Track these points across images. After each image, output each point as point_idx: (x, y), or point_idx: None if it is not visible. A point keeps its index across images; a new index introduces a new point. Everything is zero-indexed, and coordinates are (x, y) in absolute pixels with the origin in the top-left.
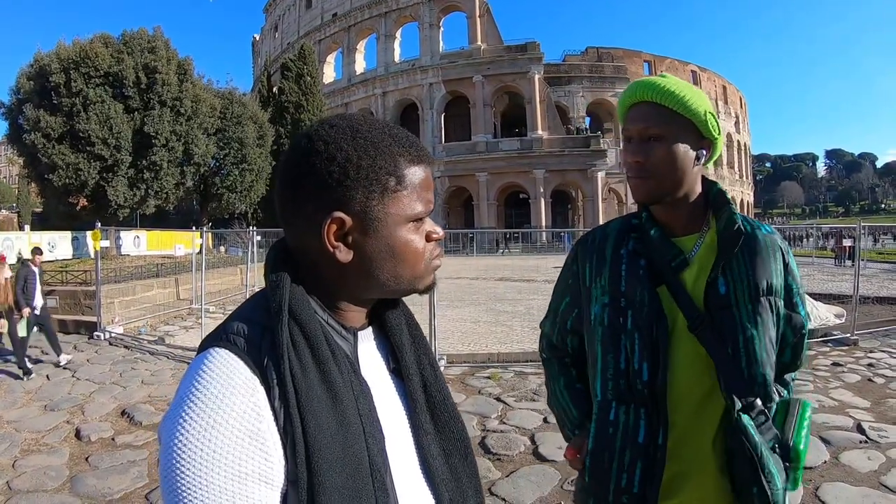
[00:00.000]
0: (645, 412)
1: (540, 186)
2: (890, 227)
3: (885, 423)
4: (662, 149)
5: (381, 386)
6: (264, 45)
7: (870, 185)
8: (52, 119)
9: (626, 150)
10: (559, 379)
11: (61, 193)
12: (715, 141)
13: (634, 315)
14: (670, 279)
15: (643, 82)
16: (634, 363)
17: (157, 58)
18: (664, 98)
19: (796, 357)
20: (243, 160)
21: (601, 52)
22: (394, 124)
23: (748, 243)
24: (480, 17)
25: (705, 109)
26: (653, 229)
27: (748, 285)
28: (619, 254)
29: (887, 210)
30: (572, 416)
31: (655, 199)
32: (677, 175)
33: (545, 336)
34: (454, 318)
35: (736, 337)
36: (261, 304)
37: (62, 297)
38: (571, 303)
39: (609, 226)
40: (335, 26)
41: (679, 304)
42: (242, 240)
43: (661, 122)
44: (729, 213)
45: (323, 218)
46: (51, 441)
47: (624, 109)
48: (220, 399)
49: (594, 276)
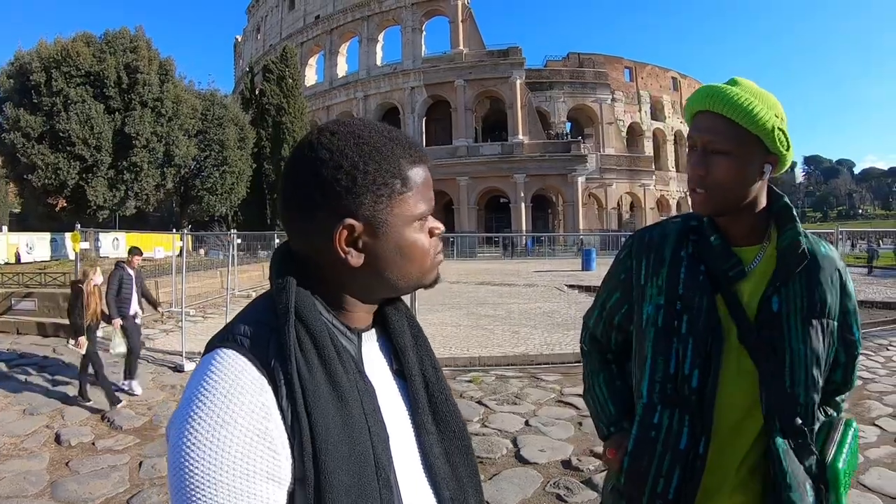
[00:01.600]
0: (689, 419)
1: (520, 191)
2: (867, 233)
3: (862, 423)
4: (725, 164)
5: (384, 386)
6: (246, 47)
7: (847, 191)
8: (31, 118)
9: (688, 160)
10: (599, 374)
11: (40, 194)
12: (782, 156)
13: (690, 320)
14: (726, 289)
15: (712, 90)
16: (685, 368)
17: (138, 58)
18: (732, 112)
19: (847, 378)
20: (224, 162)
21: (582, 57)
22: (393, 127)
23: (808, 263)
24: (463, 21)
25: (773, 125)
26: (713, 236)
27: (803, 306)
28: (678, 256)
29: (865, 215)
30: (609, 412)
31: (716, 213)
32: (739, 191)
33: (588, 328)
34: (435, 322)
35: (783, 355)
36: (267, 306)
37: (41, 300)
38: (622, 298)
39: (667, 225)
40: (317, 29)
41: (732, 315)
42: (223, 242)
43: (727, 136)
44: (794, 231)
45: (334, 225)
46: (30, 446)
47: (691, 114)
48: (229, 398)
49: (650, 275)
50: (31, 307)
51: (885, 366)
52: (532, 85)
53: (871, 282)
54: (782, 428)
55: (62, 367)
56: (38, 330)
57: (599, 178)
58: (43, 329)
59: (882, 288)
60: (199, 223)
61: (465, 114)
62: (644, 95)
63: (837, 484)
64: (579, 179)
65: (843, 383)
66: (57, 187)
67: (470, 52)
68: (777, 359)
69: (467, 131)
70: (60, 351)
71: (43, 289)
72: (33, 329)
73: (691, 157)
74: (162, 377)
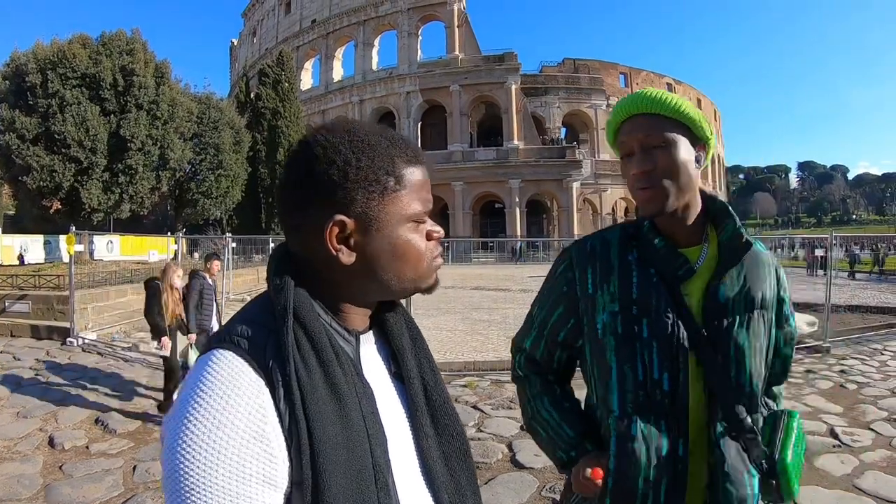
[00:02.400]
0: (666, 424)
1: (515, 196)
2: (861, 238)
3: (857, 427)
4: (667, 154)
5: (382, 389)
6: (242, 51)
7: (841, 197)
8: (27, 120)
9: (629, 165)
10: (542, 398)
11: (35, 196)
12: (709, 141)
13: (650, 323)
14: (676, 289)
15: (633, 97)
16: (654, 373)
17: (134, 60)
18: (658, 107)
19: (785, 368)
20: (219, 166)
21: (578, 63)
22: (389, 128)
23: (748, 256)
24: (459, 26)
25: (696, 113)
26: (656, 238)
27: (745, 297)
28: (626, 260)
29: (858, 221)
30: (566, 436)
31: (667, 209)
32: (685, 179)
33: (523, 352)
34: (430, 326)
35: (728, 346)
36: (264, 307)
37: (35, 302)
38: (566, 313)
39: (607, 233)
40: (313, 33)
41: (681, 315)
42: (217, 246)
43: (661, 130)
44: (733, 224)
45: (325, 221)
46: (23, 449)
47: (616, 127)
48: (225, 400)
49: (599, 283)
50: (25, 309)
51: (879, 370)
52: (527, 90)
53: (862, 285)
54: (726, 418)
55: (56, 369)
56: (32, 332)
57: (594, 184)
58: (37, 332)
59: (876, 293)
60: (194, 227)
61: (461, 119)
62: None
63: (788, 477)
64: (574, 185)
65: (782, 373)
66: (52, 189)
67: (466, 58)
68: (722, 351)
69: (462, 136)
70: (53, 353)
71: (37, 291)
72: (27, 331)
73: (630, 163)
74: (156, 380)
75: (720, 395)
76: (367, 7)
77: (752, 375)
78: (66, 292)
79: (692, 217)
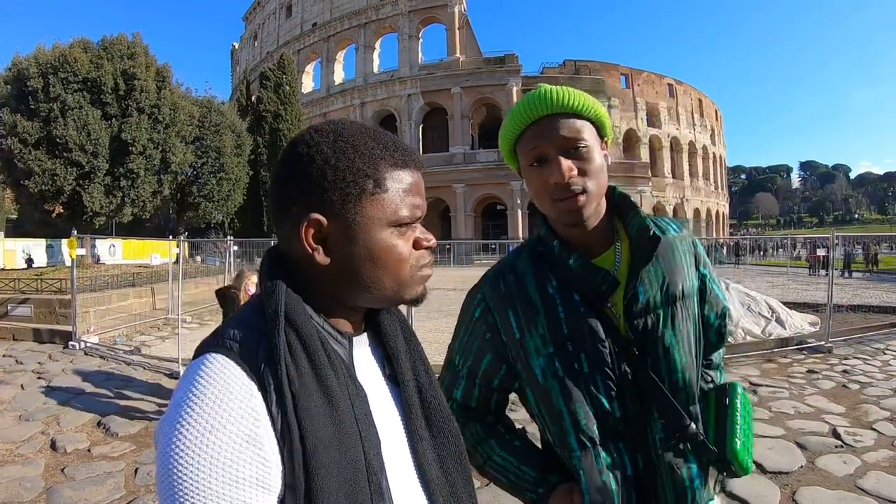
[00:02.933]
0: (625, 446)
1: (517, 198)
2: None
3: (860, 427)
4: (588, 156)
5: (376, 391)
6: (243, 54)
7: (843, 196)
8: (29, 124)
9: (541, 174)
10: (489, 441)
11: (37, 200)
12: (610, 139)
13: (589, 356)
14: (603, 308)
15: (541, 95)
16: (605, 404)
17: (135, 64)
18: (572, 105)
19: (721, 335)
20: (221, 169)
21: (579, 64)
22: (384, 130)
23: (661, 248)
24: (459, 29)
25: (603, 109)
26: (571, 258)
27: (665, 292)
28: (547, 294)
29: (861, 220)
30: (528, 476)
31: (588, 217)
32: (604, 181)
33: (454, 401)
34: (431, 328)
35: (655, 346)
36: (257, 310)
37: (37, 306)
38: (495, 360)
39: (516, 264)
40: (315, 36)
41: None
42: (219, 249)
43: (579, 130)
44: (638, 217)
45: (302, 220)
46: (26, 452)
47: (519, 130)
48: (218, 403)
49: (525, 327)
50: (27, 313)
51: (882, 370)
52: (528, 91)
53: (864, 284)
54: (666, 425)
55: (58, 373)
56: (34, 336)
57: None
58: (39, 335)
59: (878, 292)
60: (196, 230)
61: (462, 121)
62: (640, 102)
63: (740, 461)
64: None
65: (718, 341)
66: (54, 193)
67: (466, 60)
68: (650, 354)
69: (464, 138)
70: (56, 357)
71: (39, 294)
72: (29, 335)
73: (543, 170)
74: (158, 384)
75: (655, 402)
76: (367, 10)
77: (684, 370)
78: (68, 296)
79: (601, 218)
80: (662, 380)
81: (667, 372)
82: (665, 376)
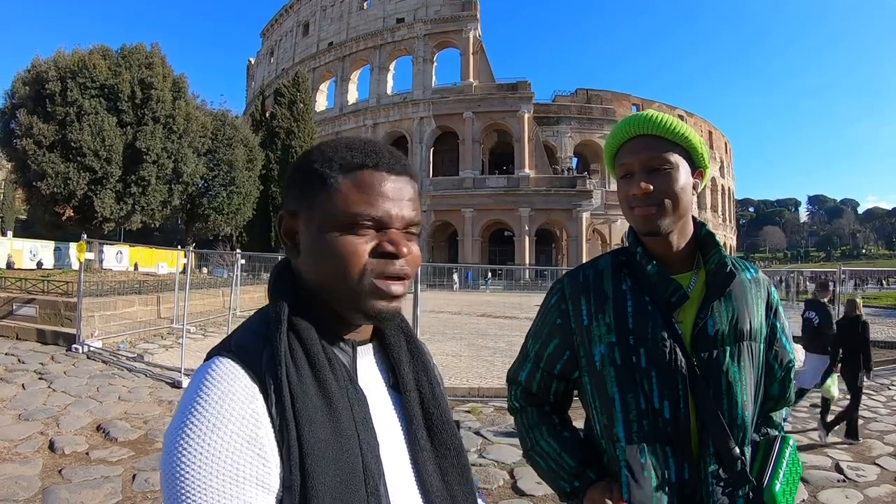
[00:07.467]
0: (671, 450)
1: (525, 224)
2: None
3: (862, 462)
4: (669, 177)
5: (379, 400)
6: (259, 69)
7: (851, 231)
8: (44, 126)
9: (627, 185)
10: (540, 428)
11: (48, 202)
12: (706, 170)
13: (648, 352)
14: (670, 316)
15: (638, 117)
16: (655, 402)
17: (153, 74)
18: (662, 130)
19: (784, 391)
20: (232, 182)
21: (590, 93)
22: (378, 141)
23: (734, 286)
24: (474, 54)
25: (699, 140)
26: (649, 265)
27: (733, 328)
28: (620, 290)
29: (868, 255)
30: (568, 465)
31: (664, 229)
32: (683, 203)
33: (519, 385)
34: (436, 351)
35: (719, 380)
36: (264, 318)
37: (42, 307)
38: (561, 344)
39: (598, 263)
40: (330, 55)
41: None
42: (226, 262)
43: (664, 152)
44: (718, 254)
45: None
46: (24, 451)
47: (616, 145)
48: (220, 405)
49: (594, 314)
50: (32, 313)
51: (886, 405)
52: (540, 119)
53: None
54: (717, 453)
55: (60, 375)
56: (38, 336)
57: (604, 214)
58: (43, 336)
59: (883, 328)
60: (204, 241)
61: (473, 145)
62: None
63: None
64: (584, 215)
65: (780, 397)
66: (65, 197)
67: (479, 85)
68: (713, 386)
69: (474, 163)
70: (58, 358)
71: (45, 296)
72: (33, 335)
73: (630, 183)
74: (159, 392)
75: (711, 431)
76: (383, 32)
77: (744, 408)
78: (73, 298)
79: (684, 242)
80: (722, 413)
81: (727, 406)
82: (725, 410)
